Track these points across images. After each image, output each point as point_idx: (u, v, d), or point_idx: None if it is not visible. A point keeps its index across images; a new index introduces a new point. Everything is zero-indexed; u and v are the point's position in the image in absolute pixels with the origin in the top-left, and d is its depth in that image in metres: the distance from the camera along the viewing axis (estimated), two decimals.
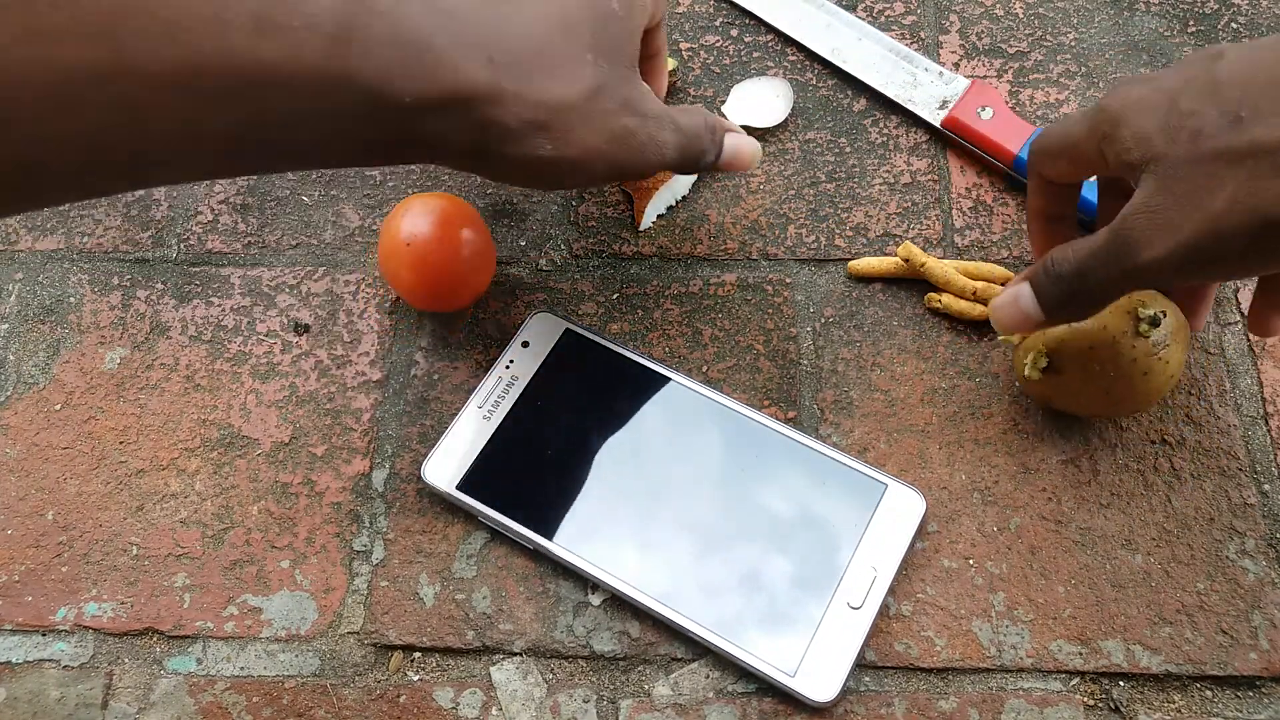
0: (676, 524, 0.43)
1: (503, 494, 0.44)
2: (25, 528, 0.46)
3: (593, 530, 0.43)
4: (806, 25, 0.56)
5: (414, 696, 0.42)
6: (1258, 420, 0.45)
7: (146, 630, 0.44)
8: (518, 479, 0.44)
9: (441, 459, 0.45)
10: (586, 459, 0.45)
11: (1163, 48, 0.55)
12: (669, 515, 0.43)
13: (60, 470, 0.47)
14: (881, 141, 0.53)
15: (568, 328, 0.47)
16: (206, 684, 0.42)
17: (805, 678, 0.40)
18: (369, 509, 0.45)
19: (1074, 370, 0.42)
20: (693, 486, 0.44)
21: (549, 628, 0.43)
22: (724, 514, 0.43)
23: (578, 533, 0.43)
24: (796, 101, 0.54)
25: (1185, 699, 0.41)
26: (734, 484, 0.44)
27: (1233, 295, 0.48)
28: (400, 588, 0.44)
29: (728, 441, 0.45)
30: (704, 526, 0.43)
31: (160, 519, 0.46)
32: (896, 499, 0.43)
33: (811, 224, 0.51)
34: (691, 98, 0.55)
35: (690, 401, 0.46)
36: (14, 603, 0.44)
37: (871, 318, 0.49)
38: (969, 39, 0.56)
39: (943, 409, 0.46)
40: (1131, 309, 0.41)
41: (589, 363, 0.47)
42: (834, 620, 0.41)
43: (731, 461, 0.44)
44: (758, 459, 0.44)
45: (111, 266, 0.52)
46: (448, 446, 0.45)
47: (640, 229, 0.51)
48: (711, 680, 0.41)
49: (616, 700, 0.41)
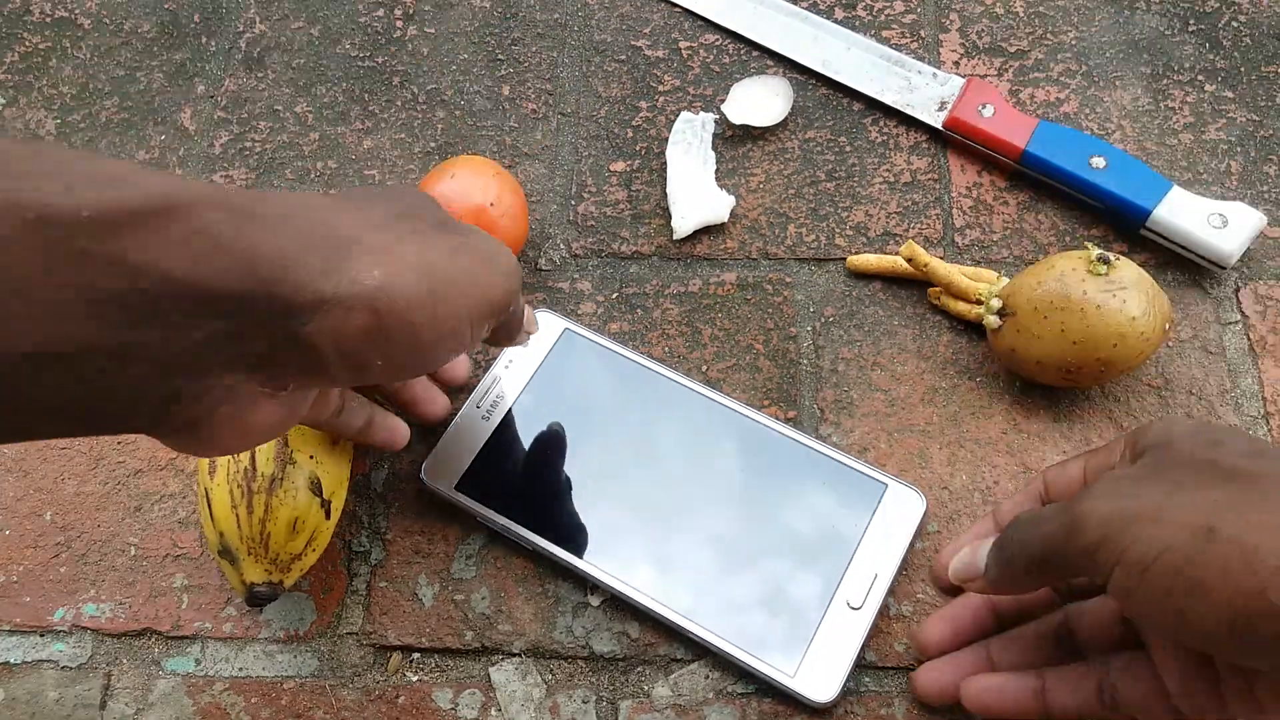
0: (676, 525, 0.43)
1: (502, 494, 0.44)
2: (23, 528, 0.46)
3: (592, 531, 0.43)
4: (794, 39, 0.56)
5: (413, 697, 0.42)
6: (1258, 420, 0.45)
7: (145, 631, 0.43)
8: (517, 479, 0.44)
9: (440, 459, 0.44)
10: (586, 460, 0.44)
11: (1163, 46, 0.55)
12: (669, 516, 0.43)
13: (58, 470, 0.47)
14: (881, 140, 0.53)
15: (567, 328, 0.47)
16: (205, 684, 0.42)
17: (805, 678, 0.40)
18: (368, 509, 0.45)
19: (1027, 310, 0.43)
20: (693, 487, 0.44)
21: (548, 628, 0.43)
22: (724, 514, 0.43)
23: (577, 534, 0.43)
24: (796, 100, 0.54)
25: None
26: (734, 484, 0.44)
27: (1233, 295, 0.48)
28: (399, 588, 0.44)
29: (727, 442, 0.44)
30: (704, 527, 0.43)
31: (158, 519, 0.45)
32: (897, 499, 0.43)
33: (811, 223, 0.51)
34: (691, 97, 0.55)
35: (690, 402, 0.45)
36: (12, 603, 0.44)
37: (872, 317, 0.49)
38: (969, 38, 0.56)
39: (943, 409, 0.46)
40: (1084, 255, 0.42)
41: (588, 362, 0.47)
42: (834, 620, 0.40)
43: (731, 462, 0.44)
44: (758, 459, 0.44)
45: None
46: (446, 447, 0.45)
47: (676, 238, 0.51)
48: (711, 681, 0.41)
49: (616, 701, 0.41)
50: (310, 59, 0.58)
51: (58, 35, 0.60)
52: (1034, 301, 0.43)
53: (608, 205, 0.52)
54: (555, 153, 0.54)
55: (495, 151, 0.54)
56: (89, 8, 0.61)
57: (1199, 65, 0.54)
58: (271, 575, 0.40)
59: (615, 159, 0.54)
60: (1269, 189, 0.51)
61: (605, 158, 0.54)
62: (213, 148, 0.55)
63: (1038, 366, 0.44)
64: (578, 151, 0.54)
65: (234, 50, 0.58)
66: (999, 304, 0.44)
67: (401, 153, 0.54)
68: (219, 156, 0.55)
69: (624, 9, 0.58)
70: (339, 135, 0.55)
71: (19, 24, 0.60)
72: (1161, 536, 0.29)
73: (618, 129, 0.55)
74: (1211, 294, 0.48)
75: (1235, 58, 0.54)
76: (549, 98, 0.56)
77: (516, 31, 0.58)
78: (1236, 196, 0.50)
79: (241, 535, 0.40)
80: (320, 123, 0.56)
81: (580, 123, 0.55)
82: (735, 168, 0.53)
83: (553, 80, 0.56)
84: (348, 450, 0.43)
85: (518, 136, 0.55)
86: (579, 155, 0.54)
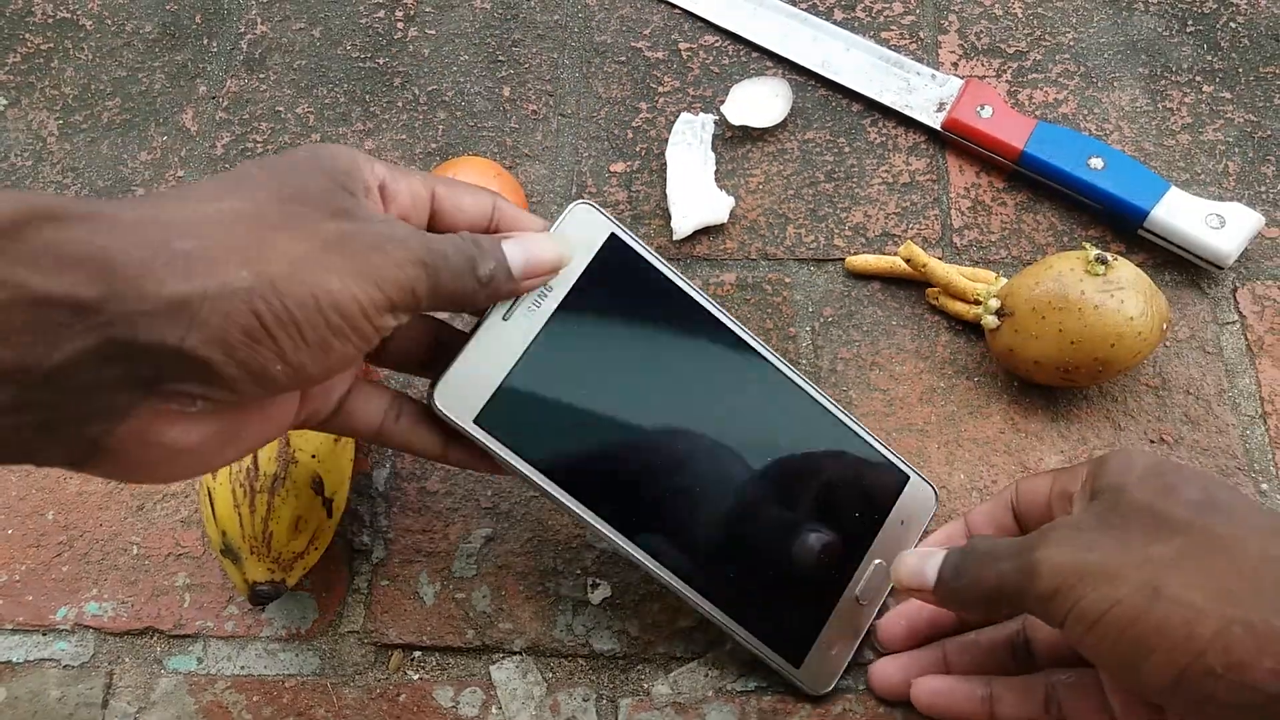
0: (705, 495, 0.39)
1: (528, 434, 0.36)
2: (26, 527, 0.46)
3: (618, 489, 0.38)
4: (793, 40, 0.56)
5: (414, 695, 0.42)
6: (1255, 420, 0.46)
7: (147, 629, 0.44)
8: (546, 416, 0.37)
9: (457, 383, 0.35)
10: (619, 403, 0.38)
11: (1161, 47, 0.55)
12: (697, 483, 0.39)
13: (60, 469, 0.47)
14: (880, 141, 0.54)
15: (613, 231, 0.38)
16: (207, 683, 0.43)
17: (808, 669, 0.39)
18: (370, 508, 0.45)
19: (1025, 310, 0.43)
20: (727, 454, 0.39)
21: (548, 626, 0.43)
22: (754, 486, 0.40)
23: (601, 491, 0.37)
24: (795, 101, 0.54)
25: None
26: (769, 451, 0.40)
27: (1231, 295, 0.48)
28: (400, 587, 0.44)
29: (767, 400, 0.40)
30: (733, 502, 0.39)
31: (160, 518, 0.46)
32: (915, 493, 0.42)
33: (810, 224, 0.51)
34: (691, 98, 0.55)
35: (734, 350, 0.40)
36: (15, 602, 0.44)
37: (870, 317, 0.49)
38: (968, 39, 0.56)
39: (941, 408, 0.47)
40: (1082, 256, 0.42)
41: (634, 281, 0.38)
42: (842, 612, 0.40)
43: (768, 424, 0.40)
44: (795, 426, 0.40)
45: None
46: (464, 370, 0.35)
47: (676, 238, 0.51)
48: (711, 679, 0.41)
49: (616, 699, 0.41)
50: (312, 60, 0.58)
51: (59, 36, 0.60)
52: (1032, 301, 0.43)
53: (608, 206, 0.52)
54: (556, 154, 0.54)
55: (496, 152, 0.54)
56: (91, 9, 0.61)
57: (1197, 66, 0.55)
58: (274, 574, 0.40)
59: (615, 160, 0.54)
60: (1267, 189, 0.51)
61: (605, 159, 0.54)
62: (214, 148, 0.56)
63: (1035, 366, 0.44)
64: (578, 152, 0.54)
65: (235, 51, 0.59)
66: (997, 304, 0.45)
67: (403, 154, 0.55)
68: (220, 157, 0.55)
69: (624, 10, 0.58)
70: (340, 136, 0.55)
71: (21, 25, 0.60)
72: (1111, 594, 0.30)
73: (618, 130, 0.55)
74: (1209, 294, 0.49)
75: (1233, 59, 0.55)
76: (549, 99, 0.56)
77: (517, 33, 0.58)
78: (1234, 197, 0.51)
79: (244, 534, 0.40)
80: (322, 124, 0.56)
81: (580, 124, 0.55)
82: (735, 168, 0.53)
83: (553, 81, 0.57)
84: (349, 449, 0.44)
85: (518, 137, 0.55)
86: (579, 156, 0.54)
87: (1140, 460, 0.33)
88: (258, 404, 0.31)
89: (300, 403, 0.34)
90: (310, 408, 0.35)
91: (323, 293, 0.29)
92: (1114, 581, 0.30)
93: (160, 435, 0.29)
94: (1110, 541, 0.31)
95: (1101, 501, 0.33)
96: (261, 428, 0.32)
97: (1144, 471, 0.33)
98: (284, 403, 0.33)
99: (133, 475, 0.30)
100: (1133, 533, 0.31)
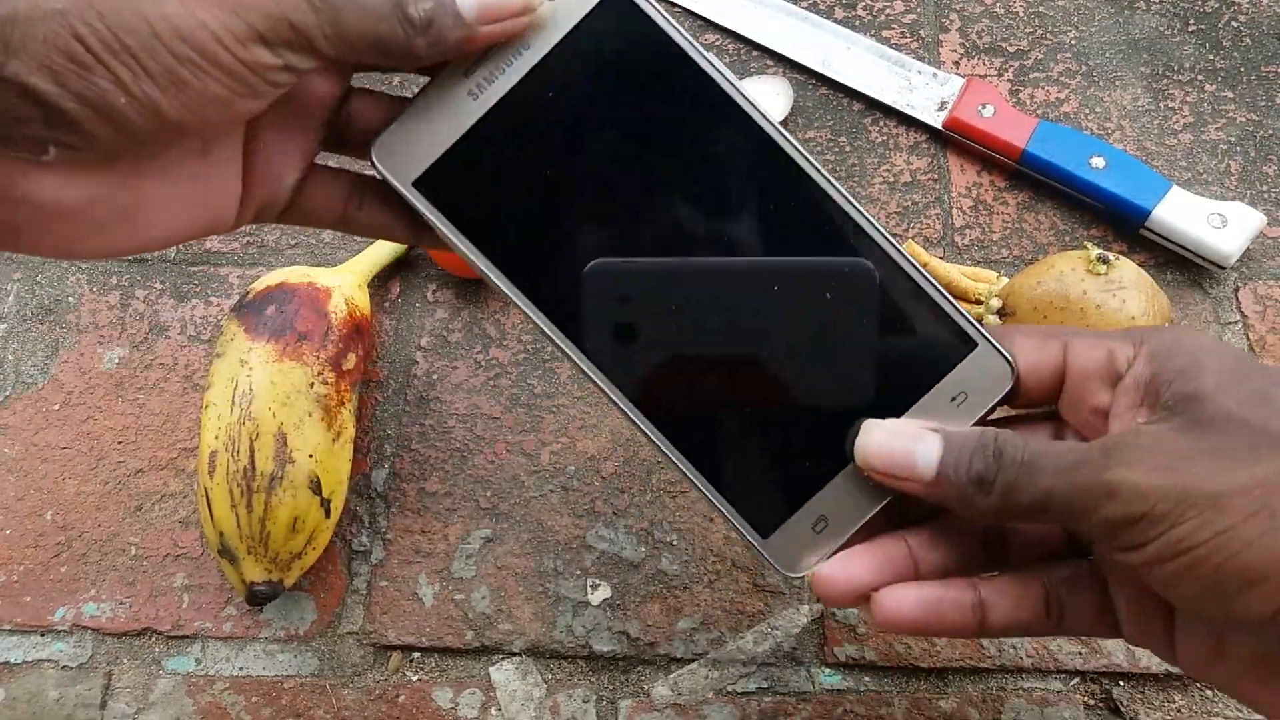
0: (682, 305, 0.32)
1: (474, 206, 0.31)
2: (24, 528, 0.46)
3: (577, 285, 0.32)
4: (794, 39, 0.56)
5: (413, 696, 0.42)
6: None
7: (145, 630, 0.44)
8: (503, 191, 0.31)
9: (401, 139, 0.31)
10: (595, 185, 0.31)
11: (1163, 46, 0.55)
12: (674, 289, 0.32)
13: (59, 470, 0.47)
14: (881, 140, 0.53)
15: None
16: (205, 684, 0.42)
17: (778, 544, 0.32)
18: (368, 509, 0.45)
19: (1026, 309, 0.43)
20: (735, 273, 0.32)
21: (548, 628, 0.43)
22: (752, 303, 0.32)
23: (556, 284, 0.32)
24: (796, 100, 0.54)
25: (1186, 699, 0.41)
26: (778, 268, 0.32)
27: (1232, 295, 0.48)
28: (399, 588, 0.44)
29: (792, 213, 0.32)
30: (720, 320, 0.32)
31: (159, 519, 0.46)
32: (982, 364, 0.32)
33: None
34: None
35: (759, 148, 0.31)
36: (13, 603, 0.44)
37: None
38: (969, 37, 0.56)
39: None
40: (1084, 255, 0.42)
41: (639, 49, 0.31)
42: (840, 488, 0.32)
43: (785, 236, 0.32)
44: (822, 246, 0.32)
45: (110, 266, 0.52)
46: (412, 125, 0.31)
47: None
48: (710, 680, 0.41)
49: (616, 700, 0.41)
50: None
51: None
52: (1033, 301, 0.43)
53: None
54: None
55: None
56: None
57: (1199, 65, 0.54)
58: (271, 574, 0.40)
59: None
60: (1268, 189, 0.51)
61: None
62: None
63: None
64: None
65: None
66: (998, 303, 0.44)
67: None
68: None
69: None
70: None
71: None
72: (1216, 521, 0.27)
73: None
74: (1211, 294, 0.48)
75: (1235, 58, 0.54)
76: None
77: None
78: (1236, 196, 0.50)
79: (241, 534, 0.40)
80: None
81: None
82: None
83: None
84: (348, 449, 0.43)
85: None
86: None
87: (1210, 359, 0.29)
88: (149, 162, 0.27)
89: (245, 186, 0.31)
90: (260, 195, 0.31)
91: (157, 17, 0.25)
92: (1219, 508, 0.27)
93: (28, 192, 0.26)
94: (1206, 462, 0.27)
95: (1180, 413, 0.29)
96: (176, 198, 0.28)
97: (1227, 376, 0.28)
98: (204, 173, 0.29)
99: (20, 245, 0.26)
100: (1230, 451, 0.27)
